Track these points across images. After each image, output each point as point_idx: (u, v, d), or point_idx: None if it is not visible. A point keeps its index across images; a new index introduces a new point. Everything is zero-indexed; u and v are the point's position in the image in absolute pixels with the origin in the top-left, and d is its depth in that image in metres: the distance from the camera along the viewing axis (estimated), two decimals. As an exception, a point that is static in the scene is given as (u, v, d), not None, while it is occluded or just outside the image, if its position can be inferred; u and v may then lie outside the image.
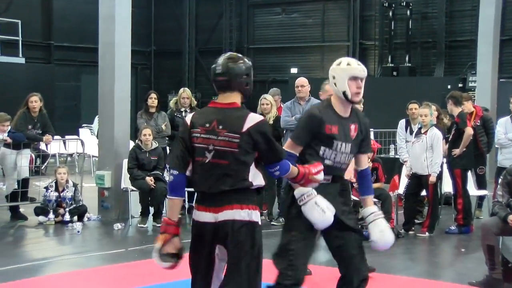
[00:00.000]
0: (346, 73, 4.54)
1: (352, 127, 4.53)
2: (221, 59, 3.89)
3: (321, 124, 4.42)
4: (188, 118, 3.91)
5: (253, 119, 3.82)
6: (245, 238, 3.81)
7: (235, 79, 3.83)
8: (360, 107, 9.30)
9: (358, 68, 4.56)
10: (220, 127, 3.78)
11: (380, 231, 4.61)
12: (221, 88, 3.87)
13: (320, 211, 4.33)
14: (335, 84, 4.55)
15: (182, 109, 10.48)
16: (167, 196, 3.92)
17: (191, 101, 10.49)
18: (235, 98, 3.87)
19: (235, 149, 3.77)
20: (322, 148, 4.45)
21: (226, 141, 3.77)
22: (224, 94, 3.87)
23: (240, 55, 3.96)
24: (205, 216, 3.86)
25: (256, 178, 3.85)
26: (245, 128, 3.77)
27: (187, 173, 3.87)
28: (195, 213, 3.91)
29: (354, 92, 4.49)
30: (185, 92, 10.54)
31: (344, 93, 4.49)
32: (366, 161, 4.65)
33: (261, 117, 3.95)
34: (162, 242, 3.84)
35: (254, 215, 3.87)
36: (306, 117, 4.56)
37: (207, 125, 3.81)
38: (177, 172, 3.83)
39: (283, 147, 4.32)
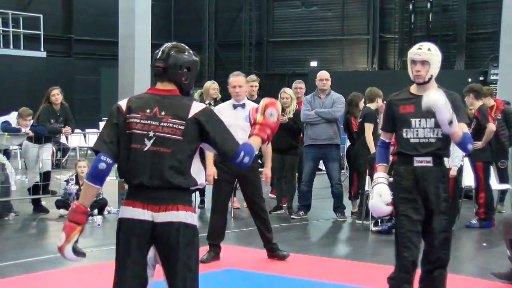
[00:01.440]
0: (408, 57, 4.87)
1: None
2: (165, 46, 3.58)
3: (394, 106, 4.81)
4: (123, 103, 3.55)
5: (198, 106, 3.53)
6: (189, 242, 3.49)
7: (173, 69, 3.50)
8: (380, 101, 9.28)
9: (413, 51, 4.83)
10: (163, 113, 3.46)
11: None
12: (158, 75, 3.55)
13: (376, 197, 4.77)
14: None
15: (207, 102, 10.40)
16: (87, 181, 3.48)
17: (217, 94, 10.38)
18: (172, 88, 3.55)
19: (179, 136, 3.44)
20: (404, 130, 4.75)
21: (170, 128, 3.44)
22: (162, 83, 3.55)
23: (189, 48, 3.62)
24: (139, 213, 3.46)
25: (199, 175, 3.56)
26: (191, 115, 3.46)
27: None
28: (125, 209, 3.51)
29: (414, 74, 4.77)
30: (214, 84, 10.39)
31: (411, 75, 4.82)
32: (463, 127, 4.76)
33: (205, 105, 3.65)
34: (78, 233, 3.48)
35: (195, 218, 3.56)
36: (385, 105, 5.06)
37: (148, 110, 3.47)
38: (111, 161, 3.45)
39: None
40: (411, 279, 4.78)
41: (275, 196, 10.50)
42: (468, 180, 9.71)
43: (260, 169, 7.45)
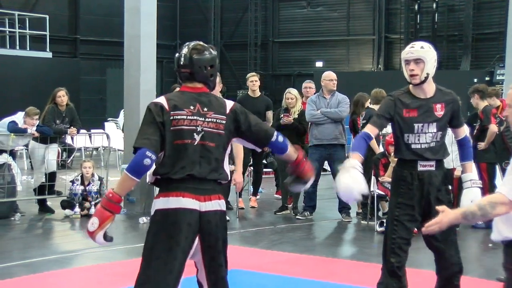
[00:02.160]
0: (402, 58, 4.69)
1: (438, 106, 4.61)
2: (185, 49, 3.70)
3: (398, 108, 4.56)
4: (163, 101, 3.63)
5: (230, 101, 3.78)
6: (226, 226, 3.74)
7: (199, 71, 3.68)
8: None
9: (405, 51, 4.64)
10: (205, 109, 3.64)
11: (471, 200, 4.52)
12: (186, 79, 3.72)
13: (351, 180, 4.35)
14: None
15: None
16: (128, 173, 3.50)
17: (223, 92, 10.55)
18: (201, 86, 3.73)
19: (222, 130, 3.66)
20: (406, 135, 4.58)
21: (214, 123, 3.64)
22: (192, 83, 3.71)
23: (206, 45, 3.76)
24: (190, 203, 3.57)
25: (227, 170, 3.75)
26: (228, 110, 3.70)
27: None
28: (170, 200, 3.57)
29: (409, 74, 4.58)
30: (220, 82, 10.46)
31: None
32: (462, 132, 4.80)
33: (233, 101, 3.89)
34: (111, 222, 3.59)
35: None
36: (383, 103, 4.72)
37: (192, 107, 3.63)
38: (154, 156, 3.51)
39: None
40: (402, 280, 4.68)
41: (280, 197, 10.50)
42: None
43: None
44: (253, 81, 10.44)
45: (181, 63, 3.68)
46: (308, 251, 7.65)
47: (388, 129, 11.72)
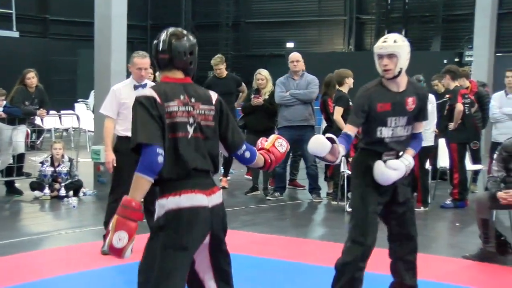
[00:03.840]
0: (374, 52, 4.64)
1: (410, 100, 4.60)
2: (163, 35, 3.53)
3: (372, 103, 4.53)
4: (150, 93, 3.41)
5: (213, 93, 3.63)
6: (225, 216, 3.63)
7: (178, 57, 3.50)
8: (350, 81, 9.30)
9: (378, 45, 4.60)
10: (193, 100, 3.48)
11: (386, 167, 4.57)
12: (164, 66, 3.53)
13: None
14: None
15: None
16: (143, 175, 3.27)
17: None
18: (182, 75, 3.55)
19: (211, 122, 3.53)
20: (379, 129, 4.56)
21: (203, 114, 3.50)
22: (170, 71, 3.53)
23: (184, 31, 3.61)
24: (202, 199, 3.42)
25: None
26: (213, 100, 3.56)
27: None
28: (182, 198, 3.37)
29: (383, 69, 4.56)
30: None
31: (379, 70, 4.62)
32: (421, 127, 4.77)
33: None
34: (134, 234, 3.26)
35: None
36: (355, 99, 4.64)
37: (182, 97, 3.45)
38: (164, 153, 3.31)
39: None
40: (364, 267, 4.68)
41: (251, 178, 10.52)
42: (444, 161, 9.81)
43: None
44: (217, 70, 10.50)
45: (160, 48, 3.52)
46: (279, 231, 7.69)
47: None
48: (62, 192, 9.43)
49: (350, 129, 4.56)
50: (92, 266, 6.21)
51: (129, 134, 6.49)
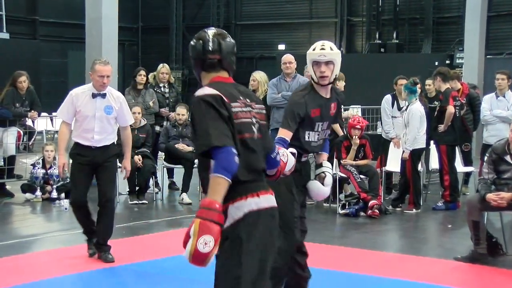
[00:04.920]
0: (310, 58, 4.66)
1: (332, 105, 4.74)
2: (209, 35, 3.38)
3: (307, 109, 4.58)
4: (214, 92, 3.23)
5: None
6: None
7: (227, 57, 3.38)
8: (342, 83, 9.32)
9: (316, 52, 4.63)
10: (248, 100, 3.36)
11: (323, 185, 4.73)
12: (212, 66, 3.37)
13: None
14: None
15: (161, 85, 10.59)
16: (223, 176, 3.06)
17: (169, 77, 10.65)
18: (227, 75, 3.42)
19: (265, 121, 3.45)
20: (307, 133, 4.64)
21: (259, 114, 3.39)
22: (218, 72, 3.38)
23: (224, 31, 3.50)
24: (273, 200, 3.33)
25: None
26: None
27: None
28: (248, 202, 3.21)
29: (319, 76, 4.60)
30: (164, 68, 10.69)
31: (311, 76, 4.66)
32: (337, 129, 4.87)
33: None
34: (219, 238, 3.03)
35: None
36: (290, 105, 4.65)
37: (241, 97, 3.33)
38: (236, 152, 3.12)
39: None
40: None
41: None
42: (435, 163, 9.83)
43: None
44: None
45: (210, 48, 3.34)
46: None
47: (350, 112, 11.84)
48: (54, 194, 9.39)
49: (286, 134, 4.56)
50: (84, 269, 6.20)
51: (80, 140, 6.20)
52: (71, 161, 6.50)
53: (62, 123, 6.44)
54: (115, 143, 6.74)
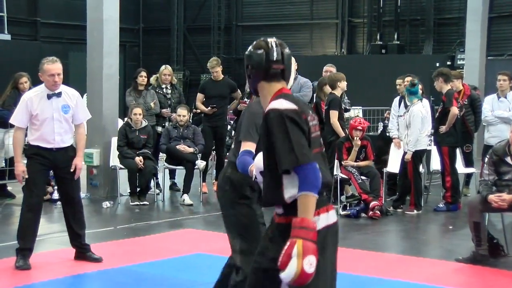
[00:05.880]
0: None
1: None
2: (272, 44, 3.31)
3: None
4: (292, 105, 3.16)
5: None
6: None
7: (289, 67, 3.37)
8: (343, 84, 9.32)
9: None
10: (310, 112, 3.31)
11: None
12: (275, 76, 3.28)
13: None
14: None
15: (163, 86, 10.61)
16: (313, 193, 3.04)
17: (171, 78, 10.68)
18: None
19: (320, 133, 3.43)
20: None
21: (315, 125, 3.33)
22: (279, 82, 3.29)
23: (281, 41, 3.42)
24: (334, 215, 3.30)
25: None
26: None
27: None
28: (325, 216, 3.20)
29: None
30: (166, 69, 10.72)
31: None
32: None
33: None
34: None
35: None
36: (251, 114, 4.33)
37: (310, 111, 3.30)
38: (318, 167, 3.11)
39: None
40: None
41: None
42: (436, 164, 9.83)
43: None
44: (213, 72, 10.48)
45: (274, 58, 3.28)
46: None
47: (352, 113, 11.83)
48: (55, 195, 9.38)
49: (251, 146, 4.19)
50: (85, 270, 6.20)
51: (40, 144, 6.04)
52: (25, 161, 6.33)
53: (16, 129, 6.26)
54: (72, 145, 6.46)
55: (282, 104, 3.17)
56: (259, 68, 3.30)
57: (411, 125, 9.00)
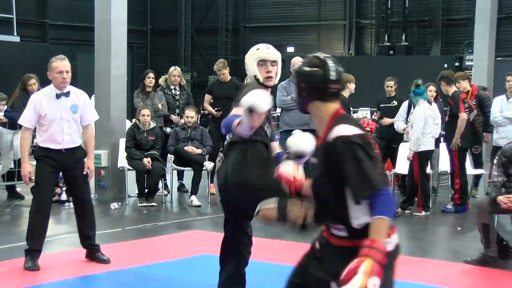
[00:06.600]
0: (256, 57, 4.52)
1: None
2: (329, 63, 3.16)
3: None
4: (358, 130, 3.10)
5: None
6: None
7: (343, 87, 3.37)
8: (352, 86, 9.31)
9: (263, 51, 4.54)
10: None
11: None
12: (331, 96, 3.17)
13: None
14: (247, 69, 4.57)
15: (172, 87, 10.61)
16: (389, 218, 3.00)
17: (180, 79, 10.68)
18: None
19: None
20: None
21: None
22: (334, 103, 3.18)
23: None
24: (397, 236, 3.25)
25: None
26: None
27: None
28: (395, 236, 3.15)
29: (265, 76, 4.46)
30: (176, 70, 10.72)
31: (255, 76, 4.49)
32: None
33: None
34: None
35: None
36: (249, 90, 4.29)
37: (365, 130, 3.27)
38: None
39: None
40: None
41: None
42: (444, 165, 9.80)
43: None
44: (220, 75, 10.46)
45: (332, 78, 3.14)
46: (278, 236, 7.66)
47: (360, 114, 11.82)
48: (63, 196, 9.41)
49: (240, 111, 4.13)
50: (93, 271, 6.21)
51: (49, 145, 6.03)
52: (34, 163, 6.32)
53: (24, 129, 6.26)
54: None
55: (348, 130, 3.07)
56: (316, 88, 3.16)
57: (413, 125, 9.01)
